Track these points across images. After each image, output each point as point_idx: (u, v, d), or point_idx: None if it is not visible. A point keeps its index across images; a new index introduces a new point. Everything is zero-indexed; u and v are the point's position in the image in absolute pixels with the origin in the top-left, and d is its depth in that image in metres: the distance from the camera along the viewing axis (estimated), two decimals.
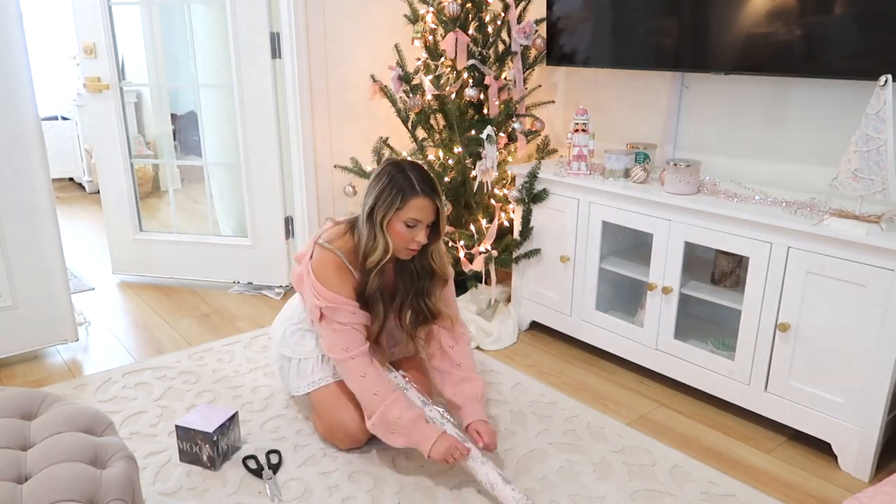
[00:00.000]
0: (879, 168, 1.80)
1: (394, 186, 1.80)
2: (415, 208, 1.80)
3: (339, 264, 1.88)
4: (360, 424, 1.94)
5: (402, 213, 1.80)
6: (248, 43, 2.99)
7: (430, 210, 1.83)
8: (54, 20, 5.56)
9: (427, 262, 1.94)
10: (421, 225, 1.83)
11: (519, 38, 2.79)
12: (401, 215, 1.81)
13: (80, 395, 2.32)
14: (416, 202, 1.80)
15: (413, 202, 1.80)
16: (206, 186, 3.45)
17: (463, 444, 1.81)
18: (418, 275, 1.96)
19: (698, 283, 2.34)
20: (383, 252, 1.83)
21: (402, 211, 1.80)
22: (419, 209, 1.81)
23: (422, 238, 1.85)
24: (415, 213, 1.81)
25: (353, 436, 1.96)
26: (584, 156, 2.55)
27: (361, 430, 1.94)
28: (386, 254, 1.83)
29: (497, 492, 1.75)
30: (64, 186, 5.69)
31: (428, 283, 1.96)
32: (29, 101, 2.38)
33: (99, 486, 1.26)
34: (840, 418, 1.96)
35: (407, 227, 1.82)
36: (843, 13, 2.02)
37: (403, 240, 1.84)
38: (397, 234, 1.83)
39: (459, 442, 1.82)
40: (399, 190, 1.79)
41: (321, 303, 1.86)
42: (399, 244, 1.85)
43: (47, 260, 2.52)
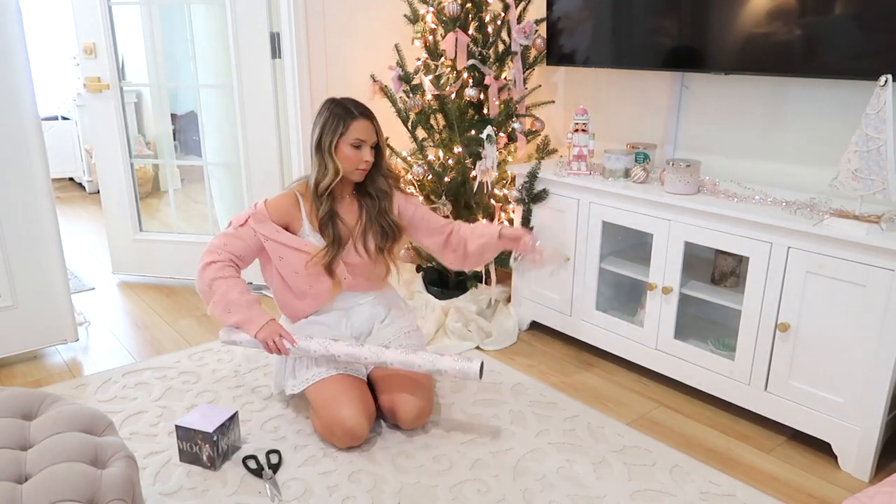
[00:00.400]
0: (879, 168, 1.80)
1: (334, 116, 2.04)
2: (356, 129, 2.03)
3: (292, 200, 2.10)
4: (359, 421, 1.96)
5: (346, 137, 2.02)
6: (248, 43, 2.99)
7: (370, 130, 2.05)
8: (54, 20, 5.56)
9: (380, 181, 2.15)
10: (365, 145, 2.05)
11: (519, 38, 2.79)
12: (346, 139, 2.02)
13: (80, 395, 2.33)
14: (357, 124, 2.03)
15: (354, 125, 2.03)
16: (206, 186, 3.45)
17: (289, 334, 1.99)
18: (377, 196, 2.16)
19: (698, 283, 2.34)
20: (334, 174, 2.04)
21: (346, 134, 2.02)
22: (360, 130, 2.03)
23: (368, 156, 2.06)
24: (357, 133, 2.03)
25: (352, 432, 1.96)
26: (584, 156, 2.55)
27: (360, 426, 1.96)
28: (336, 175, 2.04)
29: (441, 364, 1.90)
30: (64, 186, 5.69)
31: (387, 200, 2.17)
32: (29, 101, 2.38)
33: (99, 486, 1.26)
34: (840, 418, 1.96)
35: (353, 147, 2.03)
36: (843, 13, 2.02)
37: (352, 161, 2.05)
38: (346, 158, 2.04)
39: (285, 331, 2.00)
40: (339, 117, 2.03)
41: (253, 211, 2.08)
42: (349, 166, 2.06)
43: (47, 260, 2.53)
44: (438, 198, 2.80)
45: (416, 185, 2.90)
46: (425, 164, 2.82)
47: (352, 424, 1.95)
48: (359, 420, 1.95)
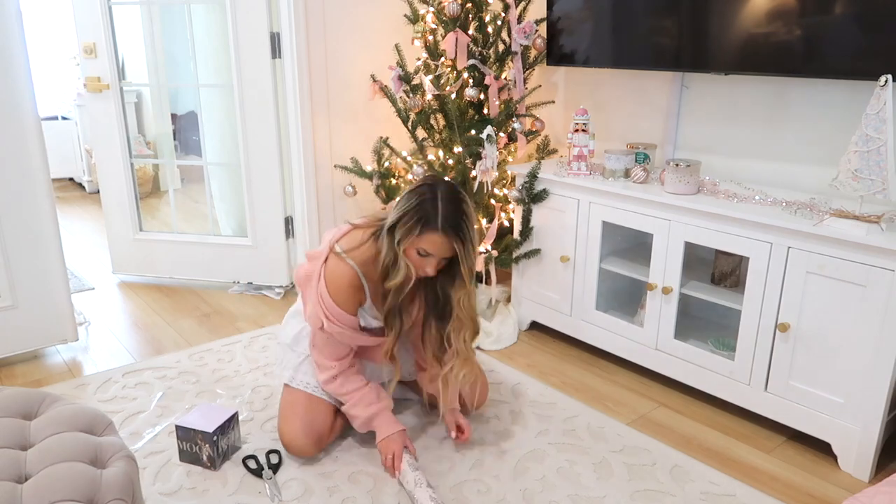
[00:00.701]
0: (879, 168, 1.80)
1: (418, 212, 1.73)
2: (430, 242, 1.73)
3: (352, 280, 1.84)
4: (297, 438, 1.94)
5: (417, 242, 1.74)
6: (248, 43, 2.99)
7: (445, 248, 1.74)
8: (54, 20, 5.56)
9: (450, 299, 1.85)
10: (432, 258, 1.76)
11: (519, 38, 2.79)
12: (416, 243, 1.74)
13: (80, 395, 2.32)
14: (434, 237, 1.72)
15: (430, 236, 1.72)
16: (206, 186, 3.45)
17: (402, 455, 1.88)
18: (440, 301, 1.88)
19: (698, 283, 2.34)
20: (404, 279, 1.77)
21: (419, 240, 1.73)
22: (433, 244, 1.73)
23: (431, 270, 1.78)
24: (429, 246, 1.74)
25: (289, 445, 1.97)
26: (584, 156, 2.56)
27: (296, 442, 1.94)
28: (407, 281, 1.78)
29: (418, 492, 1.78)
30: (64, 186, 5.69)
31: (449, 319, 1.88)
32: (29, 101, 2.38)
33: (99, 486, 1.25)
34: (840, 418, 1.96)
35: (419, 255, 1.76)
36: (843, 13, 2.02)
37: (415, 265, 1.79)
38: (410, 259, 1.78)
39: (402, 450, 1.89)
40: (421, 219, 1.72)
41: (325, 322, 1.84)
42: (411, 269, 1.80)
43: (47, 260, 2.52)
44: None
45: None
46: (425, 164, 2.82)
47: (288, 440, 1.96)
48: (297, 437, 1.94)
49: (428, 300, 1.91)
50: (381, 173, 2.94)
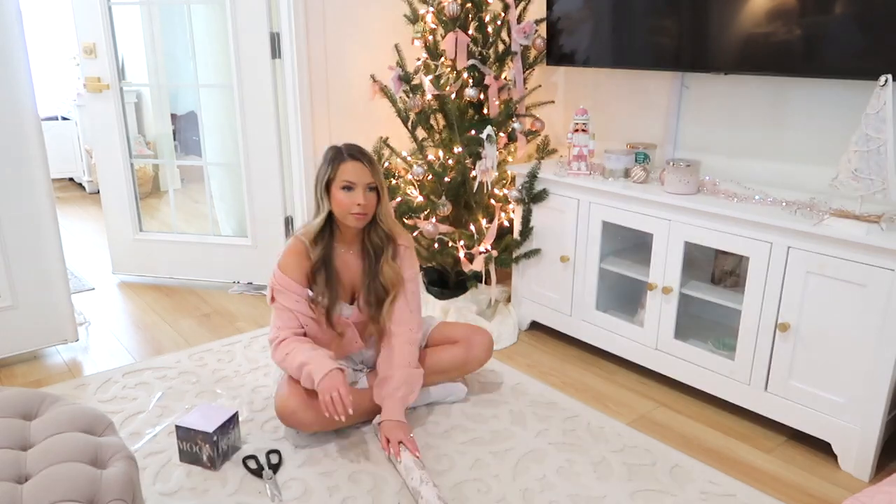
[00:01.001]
0: (879, 168, 1.80)
1: (325, 159, 2.02)
2: (346, 171, 1.98)
3: (297, 248, 2.05)
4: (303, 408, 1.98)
5: (336, 180, 1.98)
6: (248, 43, 2.99)
7: (361, 171, 1.99)
8: (54, 20, 5.56)
9: (380, 230, 2.08)
10: (357, 187, 1.98)
11: (519, 38, 2.79)
12: (336, 181, 1.98)
13: (80, 395, 2.32)
14: (346, 166, 1.98)
15: (343, 167, 1.98)
16: (206, 186, 3.45)
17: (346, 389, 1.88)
18: (375, 252, 2.09)
19: (698, 283, 2.34)
20: (325, 215, 2.01)
21: (336, 178, 1.98)
22: (350, 171, 1.98)
23: (360, 199, 1.98)
24: (347, 175, 1.97)
25: (297, 418, 1.99)
26: (584, 156, 2.56)
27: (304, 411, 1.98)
28: (326, 213, 2.01)
29: (424, 489, 1.77)
30: (64, 186, 5.69)
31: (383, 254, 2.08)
32: (29, 101, 2.38)
33: (99, 486, 1.25)
34: (840, 418, 1.96)
35: (345, 191, 1.98)
36: (844, 13, 2.02)
37: (344, 205, 1.98)
38: (339, 203, 1.99)
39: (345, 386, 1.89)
40: (330, 160, 2.00)
41: (273, 283, 2.05)
42: (341, 210, 2.00)
43: (47, 260, 2.52)
44: (438, 198, 2.81)
45: (416, 185, 2.90)
46: (425, 164, 2.82)
47: (281, 406, 1.99)
48: (293, 407, 1.97)
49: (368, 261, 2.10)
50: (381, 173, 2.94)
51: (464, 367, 2.27)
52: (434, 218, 2.75)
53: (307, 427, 2.02)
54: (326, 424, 1.99)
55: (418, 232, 2.80)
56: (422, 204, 2.85)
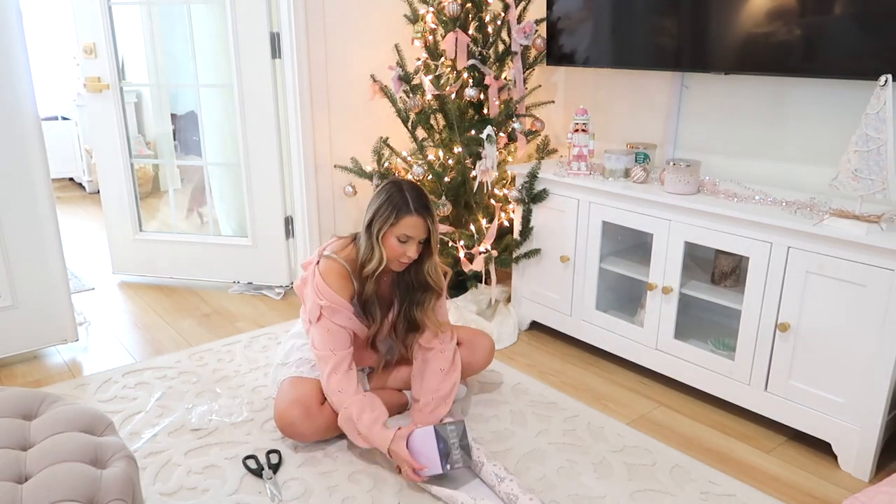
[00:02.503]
0: (879, 168, 1.80)
1: (390, 203, 1.96)
2: (406, 225, 1.95)
3: (342, 272, 2.02)
4: (296, 412, 1.96)
5: (395, 229, 1.96)
6: (248, 43, 2.99)
7: (421, 228, 1.97)
8: (54, 20, 5.56)
9: (422, 276, 2.08)
10: (412, 241, 1.98)
11: (519, 38, 2.79)
12: (394, 230, 1.96)
13: (80, 395, 2.32)
14: (409, 220, 1.95)
15: (405, 220, 1.95)
16: (206, 186, 3.45)
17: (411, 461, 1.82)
18: (413, 287, 2.11)
19: (698, 283, 2.34)
20: (378, 262, 1.98)
21: (396, 227, 1.95)
22: (411, 226, 1.96)
23: (412, 253, 1.99)
24: (406, 229, 1.95)
25: (290, 421, 1.97)
26: (584, 156, 2.56)
27: (297, 416, 1.96)
28: (381, 263, 1.98)
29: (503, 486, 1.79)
30: (64, 186, 5.69)
31: (421, 294, 2.10)
32: (29, 101, 2.38)
33: (99, 486, 1.25)
34: (840, 418, 1.96)
35: (399, 241, 1.97)
36: (843, 13, 2.02)
37: (396, 253, 1.98)
38: (390, 248, 1.98)
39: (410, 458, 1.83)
40: (394, 207, 1.95)
41: (323, 302, 1.98)
42: (392, 256, 1.99)
43: (47, 260, 2.52)
44: (438, 198, 2.81)
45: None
46: (425, 164, 2.82)
47: (278, 414, 1.99)
48: (286, 410, 1.97)
49: (401, 291, 2.12)
50: (381, 173, 2.94)
51: (465, 370, 2.25)
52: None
53: (307, 438, 2.01)
54: (326, 434, 2.01)
55: None
56: None
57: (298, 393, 2.00)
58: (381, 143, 2.96)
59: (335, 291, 1.99)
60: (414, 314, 2.11)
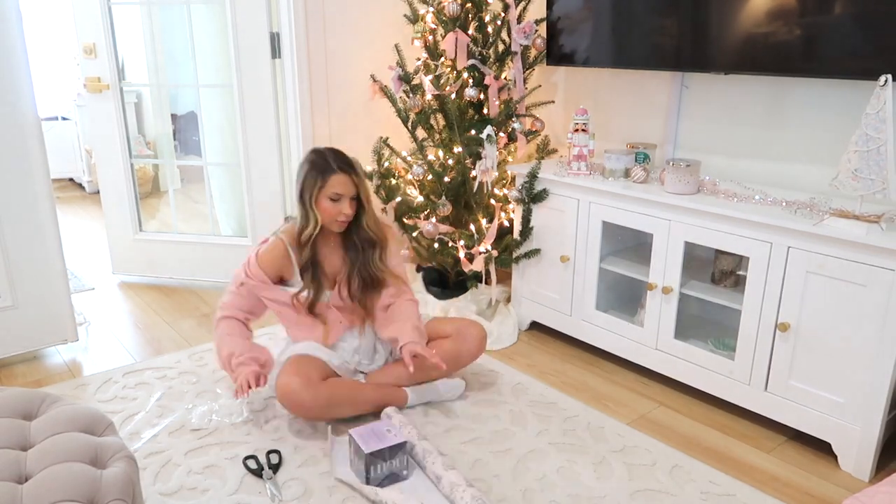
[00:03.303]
0: (879, 168, 1.80)
1: (314, 168, 2.09)
2: (334, 184, 2.07)
3: (279, 249, 2.17)
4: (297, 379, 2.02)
5: (324, 191, 2.08)
6: (248, 43, 2.99)
7: (348, 184, 2.09)
8: (54, 20, 5.56)
9: (365, 232, 2.19)
10: (344, 198, 2.09)
11: (519, 38, 2.79)
12: (324, 192, 2.08)
13: (80, 395, 2.32)
14: (335, 178, 2.07)
15: (332, 179, 2.07)
16: (206, 186, 3.45)
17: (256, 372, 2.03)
18: (362, 247, 2.21)
19: (698, 283, 2.34)
20: (314, 226, 2.11)
21: (324, 188, 2.07)
22: (339, 184, 2.08)
23: (347, 210, 2.10)
24: (335, 187, 2.07)
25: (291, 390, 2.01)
26: (584, 156, 2.56)
27: (298, 383, 2.01)
28: (316, 227, 2.11)
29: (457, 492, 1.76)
30: (64, 186, 5.69)
31: (371, 251, 2.21)
32: (29, 101, 2.38)
33: (99, 486, 1.25)
34: (840, 418, 1.96)
35: (331, 201, 2.08)
36: (843, 13, 2.02)
37: (331, 213, 2.10)
38: (325, 210, 2.10)
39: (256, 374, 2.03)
40: (319, 170, 2.08)
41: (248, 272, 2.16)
42: (328, 218, 2.11)
43: (47, 260, 2.52)
44: (438, 198, 2.81)
45: (416, 185, 2.90)
46: (425, 164, 2.82)
47: (280, 383, 2.03)
48: (288, 380, 2.02)
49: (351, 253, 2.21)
50: (381, 173, 2.94)
51: (457, 360, 2.27)
52: (434, 218, 2.75)
53: (307, 410, 2.03)
54: (326, 409, 2.05)
55: (418, 232, 2.80)
56: (422, 204, 2.85)
57: (300, 366, 2.07)
58: (381, 143, 2.96)
59: (261, 266, 2.15)
60: (369, 272, 2.20)
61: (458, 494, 1.73)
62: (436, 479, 1.82)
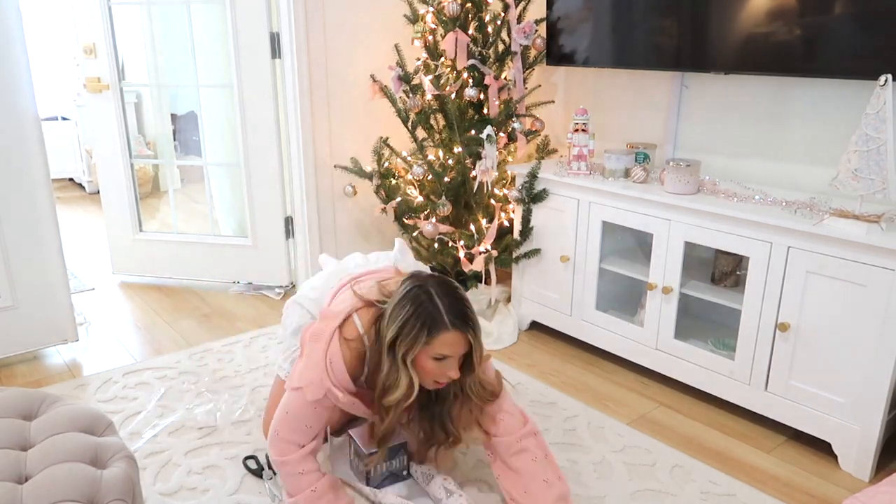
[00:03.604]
0: (879, 168, 1.80)
1: (419, 317, 1.54)
2: (444, 344, 1.54)
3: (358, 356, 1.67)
4: None
5: (428, 349, 1.55)
6: (248, 43, 2.99)
7: (461, 344, 1.56)
8: (54, 20, 5.56)
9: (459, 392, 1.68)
10: (452, 359, 1.57)
11: (519, 38, 2.78)
12: (428, 351, 1.55)
13: (80, 395, 2.32)
14: (446, 337, 1.54)
15: (442, 337, 1.54)
16: (206, 186, 3.45)
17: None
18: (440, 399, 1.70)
19: (698, 283, 2.34)
20: (406, 390, 1.57)
21: (429, 347, 1.54)
22: (449, 345, 1.55)
23: (453, 373, 1.59)
24: (443, 348, 1.55)
25: None
26: (584, 156, 2.56)
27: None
28: (409, 393, 1.58)
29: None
30: (64, 186, 5.69)
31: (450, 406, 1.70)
32: (29, 101, 2.38)
33: (99, 486, 1.25)
34: (840, 418, 1.96)
35: (435, 360, 1.57)
36: (843, 13, 2.02)
37: (432, 375, 1.59)
38: (424, 370, 1.58)
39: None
40: (425, 323, 1.53)
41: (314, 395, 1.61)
42: (426, 379, 1.61)
43: (47, 260, 2.52)
44: (438, 198, 2.81)
45: (416, 185, 2.90)
46: (425, 164, 2.82)
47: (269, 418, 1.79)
48: None
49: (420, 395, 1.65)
50: (381, 173, 2.94)
51: None
52: (434, 218, 2.75)
53: None
54: None
55: (418, 232, 2.80)
56: (422, 204, 2.85)
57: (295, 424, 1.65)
58: (381, 143, 2.96)
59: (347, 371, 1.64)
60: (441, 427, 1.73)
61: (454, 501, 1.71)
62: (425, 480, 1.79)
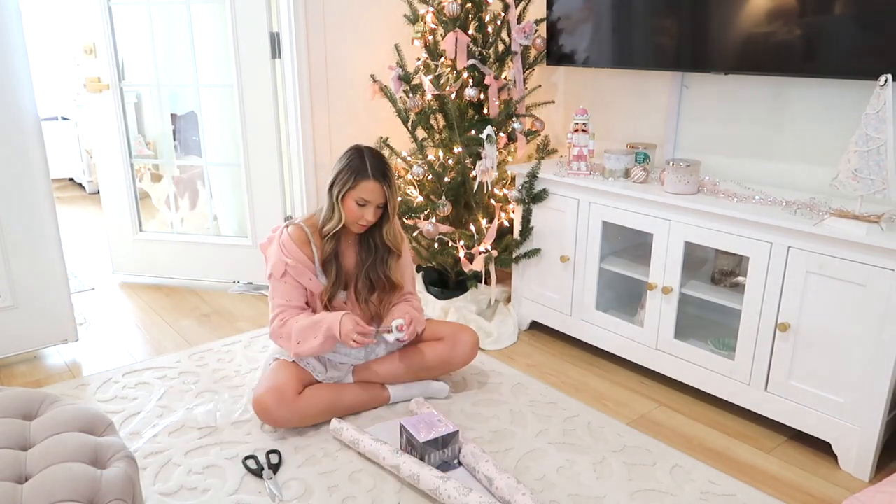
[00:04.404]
0: (879, 168, 1.80)
1: (350, 167, 2.07)
2: (364, 189, 2.05)
3: (303, 237, 2.14)
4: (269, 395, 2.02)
5: (353, 192, 2.06)
6: (248, 43, 2.99)
7: (378, 193, 2.07)
8: (54, 20, 5.56)
9: (382, 239, 2.19)
10: (370, 205, 2.08)
11: (519, 38, 2.78)
12: (353, 194, 2.06)
13: (80, 395, 2.33)
14: (366, 184, 2.05)
15: (363, 184, 2.05)
16: (206, 186, 3.45)
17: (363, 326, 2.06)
18: (375, 248, 2.21)
19: (698, 283, 2.34)
20: (337, 221, 2.09)
21: (354, 190, 2.05)
22: (368, 191, 2.06)
23: (370, 216, 2.09)
24: (364, 193, 2.06)
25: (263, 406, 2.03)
26: (584, 156, 2.56)
27: (271, 399, 2.02)
28: (339, 223, 2.09)
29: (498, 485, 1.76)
30: (64, 186, 5.69)
31: (384, 255, 2.21)
32: (29, 101, 2.38)
33: (99, 486, 1.25)
34: (840, 418, 1.96)
35: (358, 205, 2.07)
36: (844, 13, 2.02)
37: (354, 216, 2.09)
38: (349, 210, 2.08)
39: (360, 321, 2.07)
40: (353, 171, 2.06)
41: (289, 260, 2.10)
42: (351, 218, 2.10)
43: (47, 260, 2.52)
44: (438, 198, 2.81)
45: (417, 185, 2.90)
46: (425, 164, 2.82)
47: (254, 400, 2.05)
48: (261, 396, 2.02)
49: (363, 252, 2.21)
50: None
51: (448, 364, 2.29)
52: (434, 218, 2.75)
53: (281, 424, 2.06)
54: (302, 422, 2.07)
55: (418, 232, 2.80)
56: (422, 204, 2.85)
57: (277, 379, 2.07)
58: (381, 143, 2.95)
59: (292, 251, 2.10)
60: (378, 273, 2.21)
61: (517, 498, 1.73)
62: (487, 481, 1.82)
